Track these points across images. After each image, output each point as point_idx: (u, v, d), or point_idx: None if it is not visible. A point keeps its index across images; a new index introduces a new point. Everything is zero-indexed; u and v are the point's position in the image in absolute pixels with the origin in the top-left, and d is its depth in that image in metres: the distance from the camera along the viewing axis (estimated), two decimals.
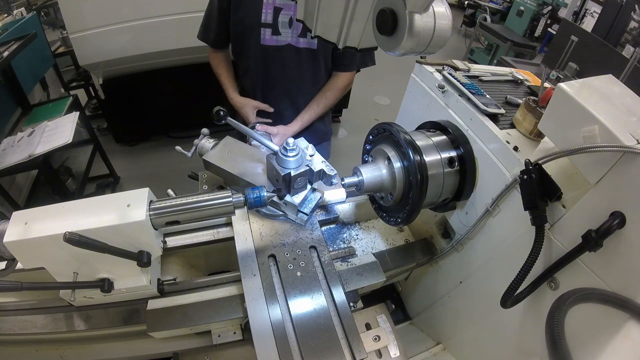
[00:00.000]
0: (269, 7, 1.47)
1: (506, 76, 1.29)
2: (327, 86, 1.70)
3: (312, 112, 1.68)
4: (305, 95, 1.70)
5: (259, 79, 1.64)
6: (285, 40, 1.53)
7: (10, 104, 2.67)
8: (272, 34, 1.51)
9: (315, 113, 1.69)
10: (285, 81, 1.63)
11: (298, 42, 1.53)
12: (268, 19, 1.48)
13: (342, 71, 1.68)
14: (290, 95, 1.67)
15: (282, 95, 1.67)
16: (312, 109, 1.68)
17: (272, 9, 1.47)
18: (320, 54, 1.59)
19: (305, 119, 1.67)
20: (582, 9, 6.61)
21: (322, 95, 1.69)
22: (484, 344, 1.15)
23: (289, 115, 1.70)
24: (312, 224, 1.13)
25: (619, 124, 0.67)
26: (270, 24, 1.49)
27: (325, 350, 0.85)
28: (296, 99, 1.69)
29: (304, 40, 1.53)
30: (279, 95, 1.67)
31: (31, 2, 3.95)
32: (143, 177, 3.41)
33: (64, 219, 0.79)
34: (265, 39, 1.52)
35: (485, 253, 1.06)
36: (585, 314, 0.70)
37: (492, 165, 0.98)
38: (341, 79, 1.69)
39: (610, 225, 0.66)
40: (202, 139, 1.26)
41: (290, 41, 1.53)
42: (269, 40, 1.52)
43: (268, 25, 1.49)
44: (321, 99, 1.69)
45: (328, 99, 1.69)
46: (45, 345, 1.07)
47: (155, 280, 0.99)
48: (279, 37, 1.52)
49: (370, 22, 0.70)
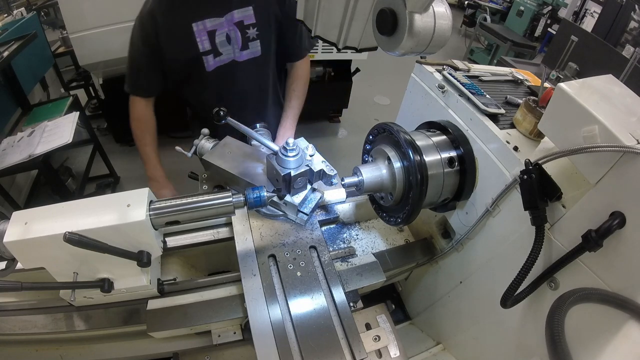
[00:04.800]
0: (202, 34, 1.39)
1: (506, 76, 1.29)
2: (291, 79, 1.67)
3: (293, 109, 1.66)
4: (264, 102, 1.67)
5: (212, 102, 1.52)
6: (228, 57, 1.48)
7: (10, 104, 2.66)
8: (214, 58, 1.45)
9: (296, 109, 1.67)
10: (239, 95, 1.58)
11: (241, 56, 1.49)
12: (206, 47, 1.42)
13: (297, 60, 1.65)
14: (247, 106, 1.62)
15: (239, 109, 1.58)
16: (291, 107, 1.66)
17: (205, 34, 1.40)
18: (264, 59, 1.54)
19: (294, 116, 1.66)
20: (582, 9, 6.61)
21: (291, 90, 1.66)
22: (484, 344, 1.15)
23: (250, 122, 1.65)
24: (312, 224, 1.13)
25: (619, 124, 0.67)
26: (209, 50, 1.43)
27: (325, 350, 0.85)
28: (254, 106, 1.65)
29: (246, 52, 1.49)
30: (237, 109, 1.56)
31: (31, 2, 3.94)
32: (143, 177, 3.36)
33: (64, 219, 0.79)
34: (209, 65, 1.46)
35: (485, 253, 1.06)
36: (585, 314, 0.70)
37: (492, 165, 0.98)
38: (300, 67, 1.66)
39: (610, 225, 0.66)
40: (202, 139, 1.26)
41: (234, 57, 1.48)
42: (212, 64, 1.47)
43: (208, 52, 1.43)
44: (292, 94, 1.66)
45: (298, 91, 1.67)
46: (45, 345, 1.07)
47: (155, 280, 0.99)
48: (221, 57, 1.46)
49: (370, 22, 0.71)
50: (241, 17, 1.42)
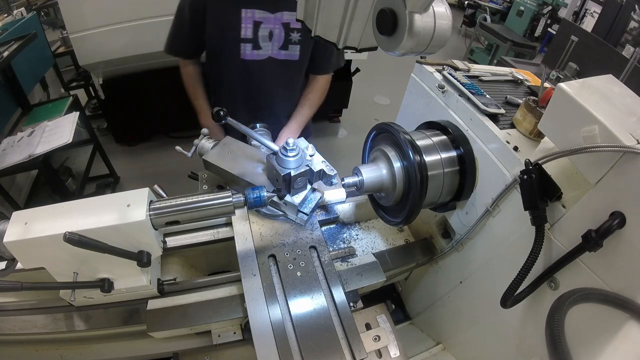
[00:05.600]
0: (248, 22, 1.41)
1: (506, 76, 1.29)
2: (309, 89, 1.69)
3: (302, 117, 1.68)
4: (285, 104, 1.69)
5: (239, 92, 1.60)
6: (265, 53, 1.49)
7: (10, 104, 2.66)
8: (252, 49, 1.47)
9: (305, 116, 1.69)
10: (266, 92, 1.60)
11: (279, 55, 1.50)
12: (248, 34, 1.43)
13: (321, 74, 1.68)
14: (271, 105, 1.65)
15: (262, 105, 1.64)
16: (300, 114, 1.68)
17: (251, 23, 1.42)
18: (301, 65, 1.57)
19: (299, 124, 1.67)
20: (582, 9, 6.61)
21: (306, 99, 1.69)
22: (484, 344, 1.15)
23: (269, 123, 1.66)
24: (312, 224, 1.13)
25: (619, 124, 0.67)
26: (250, 39, 1.44)
27: (326, 350, 0.85)
28: (277, 108, 1.68)
29: (284, 53, 1.50)
30: (260, 105, 1.64)
31: (31, 2, 3.94)
32: (143, 177, 3.40)
33: (64, 219, 0.79)
34: (245, 54, 1.47)
35: (485, 253, 1.06)
36: (585, 314, 0.70)
37: (492, 165, 0.98)
38: (321, 81, 1.69)
39: (610, 225, 0.66)
40: (202, 139, 1.26)
41: (271, 54, 1.50)
42: (249, 55, 1.48)
43: (248, 41, 1.45)
44: (306, 103, 1.68)
45: (312, 101, 1.69)
46: (45, 345, 1.07)
47: (155, 280, 0.99)
48: (260, 51, 1.48)
49: (370, 22, 0.70)
50: (290, 19, 1.45)
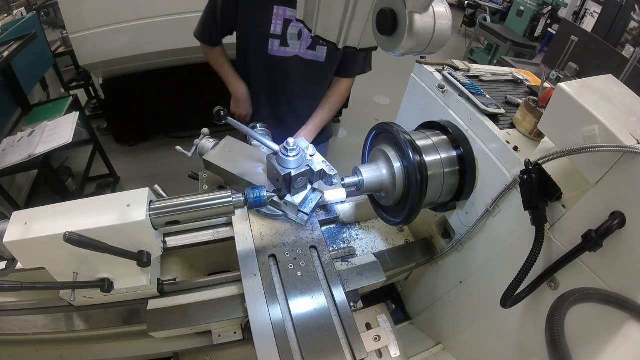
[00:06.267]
0: (279, 19, 1.45)
1: (506, 76, 1.29)
2: (331, 92, 1.71)
3: (320, 119, 1.70)
4: (307, 104, 1.70)
5: (262, 86, 1.64)
6: (292, 51, 1.52)
7: (10, 104, 2.67)
8: (280, 45, 1.50)
9: (323, 119, 1.71)
10: (289, 90, 1.63)
11: (306, 54, 1.53)
12: (277, 31, 1.47)
13: (345, 77, 1.69)
14: (292, 103, 1.68)
15: (284, 103, 1.67)
16: (319, 116, 1.69)
17: (282, 20, 1.45)
18: (327, 67, 1.59)
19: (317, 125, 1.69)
20: (582, 9, 6.61)
21: (326, 101, 1.70)
22: (484, 344, 1.15)
23: (289, 121, 1.70)
24: (312, 224, 1.13)
25: (619, 124, 0.67)
26: (279, 35, 1.48)
27: (326, 350, 0.85)
28: (298, 107, 1.70)
29: (311, 53, 1.53)
30: (282, 102, 1.67)
31: (31, 2, 3.94)
32: (143, 177, 3.41)
33: (64, 219, 0.79)
34: (272, 49, 1.51)
35: (485, 253, 1.06)
36: (585, 314, 0.70)
37: (492, 165, 0.98)
38: (343, 84, 1.71)
39: (610, 225, 0.66)
40: (203, 139, 1.26)
41: (298, 53, 1.52)
42: (276, 51, 1.51)
43: (277, 37, 1.48)
44: (326, 105, 1.70)
45: (332, 104, 1.71)
46: (45, 345, 1.07)
47: (155, 280, 0.99)
48: (287, 48, 1.51)
49: (370, 22, 0.70)
50: None
